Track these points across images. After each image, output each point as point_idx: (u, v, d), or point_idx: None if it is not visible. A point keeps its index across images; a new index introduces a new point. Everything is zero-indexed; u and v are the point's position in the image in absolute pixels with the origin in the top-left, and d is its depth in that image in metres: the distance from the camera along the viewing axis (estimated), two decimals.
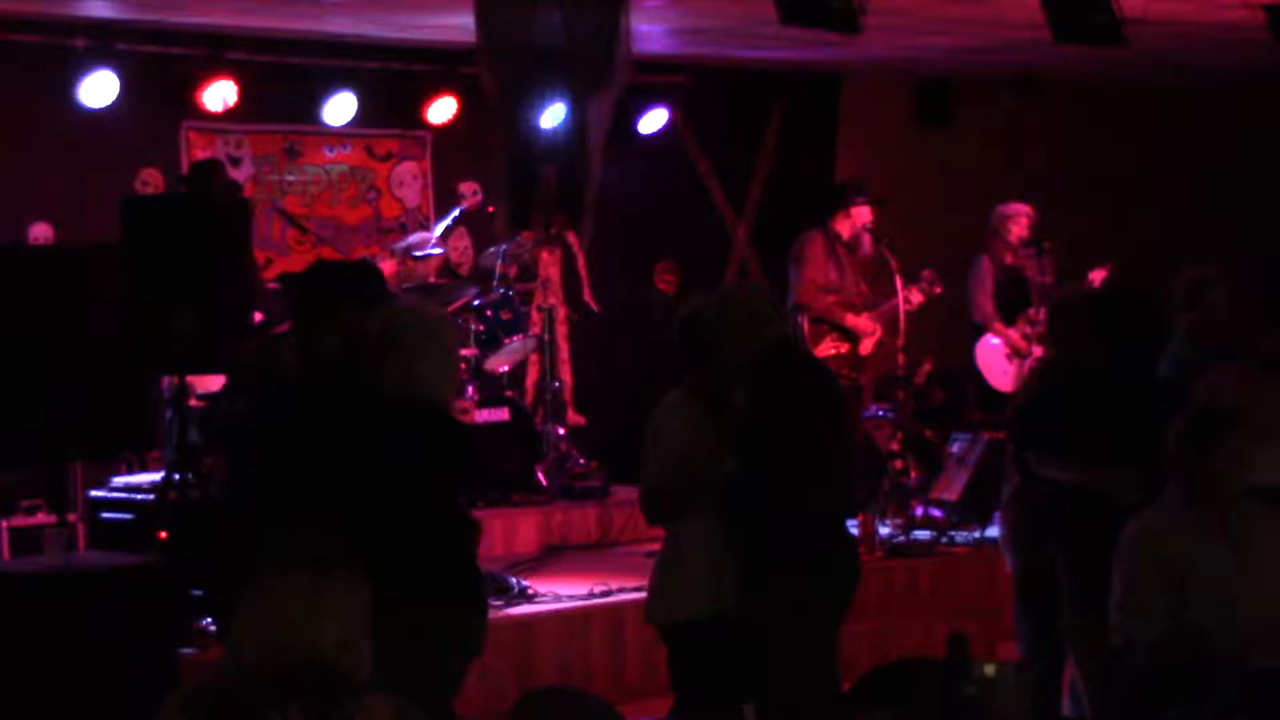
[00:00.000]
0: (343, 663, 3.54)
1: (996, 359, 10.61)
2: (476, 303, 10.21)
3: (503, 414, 10.17)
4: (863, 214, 10.28)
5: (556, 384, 10.91)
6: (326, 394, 5.34)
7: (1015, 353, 10.54)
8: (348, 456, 5.13)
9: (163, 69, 10.47)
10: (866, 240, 10.32)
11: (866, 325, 10.32)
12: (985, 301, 10.64)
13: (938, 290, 10.41)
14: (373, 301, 5.57)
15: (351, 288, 5.64)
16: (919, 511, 10.05)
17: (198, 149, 10.67)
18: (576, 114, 8.83)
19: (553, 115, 8.87)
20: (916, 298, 10.32)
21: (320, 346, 5.49)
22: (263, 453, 5.48)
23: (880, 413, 10.58)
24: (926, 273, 10.40)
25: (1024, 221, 10.67)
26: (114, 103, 10.12)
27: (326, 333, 5.48)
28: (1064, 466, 6.51)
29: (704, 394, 5.89)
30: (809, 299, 10.17)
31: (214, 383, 8.28)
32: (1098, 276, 10.71)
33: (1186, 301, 7.59)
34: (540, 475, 10.39)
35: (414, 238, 10.69)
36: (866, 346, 10.35)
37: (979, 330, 10.69)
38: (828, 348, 10.16)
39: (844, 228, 10.28)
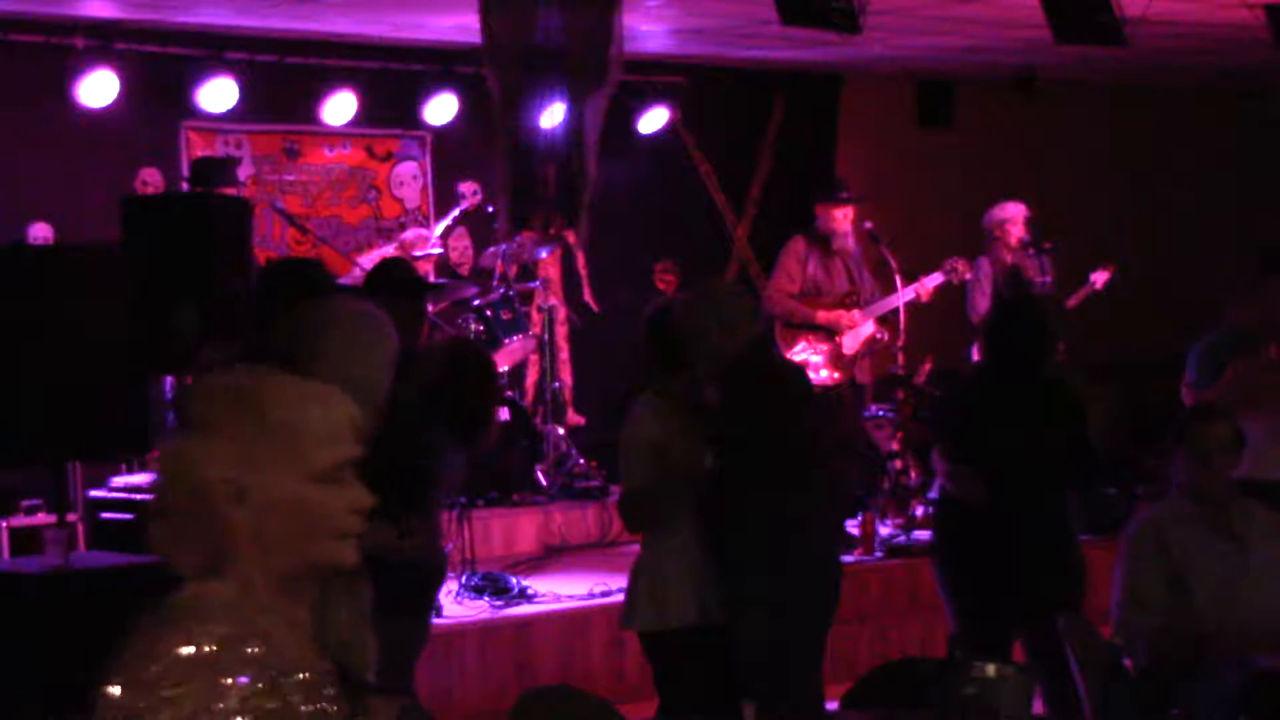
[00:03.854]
0: (350, 658, 3.54)
1: None
2: (476, 303, 10.20)
3: (503, 414, 10.17)
4: (839, 213, 10.24)
5: (556, 384, 10.91)
6: None
7: None
8: None
9: (163, 69, 10.47)
10: (850, 239, 10.29)
11: (846, 319, 10.21)
12: (982, 304, 10.63)
13: (968, 276, 10.43)
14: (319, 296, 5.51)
15: (299, 285, 5.58)
16: (919, 511, 10.04)
17: (198, 149, 10.66)
18: (574, 114, 8.85)
19: (552, 115, 8.88)
20: (935, 281, 10.33)
21: (266, 347, 5.46)
22: None
23: (880, 413, 10.57)
24: (952, 260, 10.42)
25: (1020, 221, 10.67)
26: (114, 103, 10.11)
27: (270, 332, 5.44)
28: (940, 467, 6.75)
29: (675, 397, 5.83)
30: (772, 305, 10.15)
31: None
32: (1099, 277, 10.72)
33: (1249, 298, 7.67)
34: (540, 475, 10.39)
35: (409, 234, 10.66)
36: (851, 345, 10.30)
37: (976, 331, 10.68)
38: (801, 351, 10.10)
39: (823, 229, 10.25)
